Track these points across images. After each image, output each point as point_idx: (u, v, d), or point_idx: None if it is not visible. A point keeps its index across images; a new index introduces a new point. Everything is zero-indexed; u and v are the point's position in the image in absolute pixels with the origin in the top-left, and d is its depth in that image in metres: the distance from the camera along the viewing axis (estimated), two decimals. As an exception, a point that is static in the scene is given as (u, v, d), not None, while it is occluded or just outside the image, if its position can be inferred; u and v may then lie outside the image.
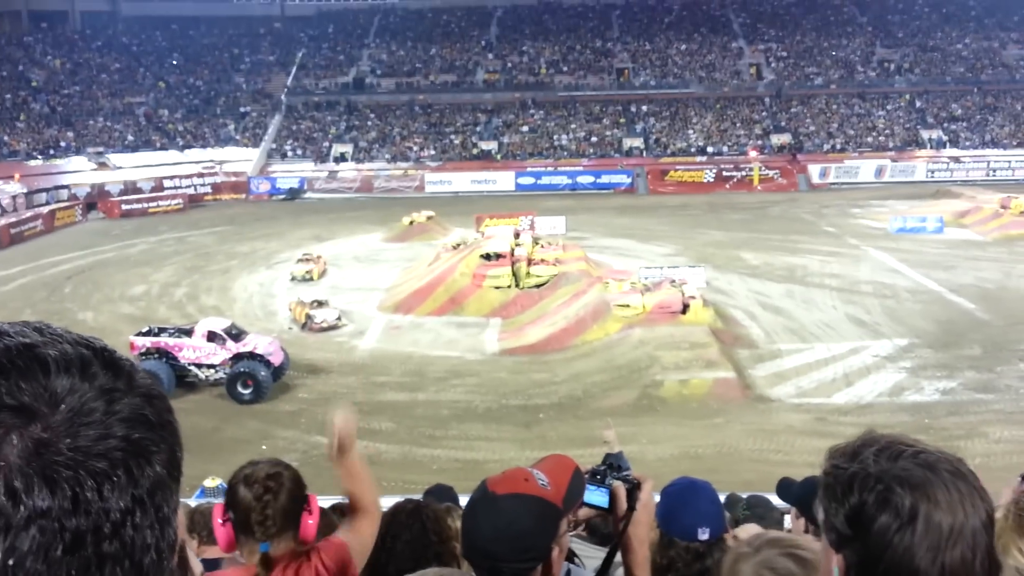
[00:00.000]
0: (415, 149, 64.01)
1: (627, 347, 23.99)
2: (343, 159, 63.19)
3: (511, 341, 25.96)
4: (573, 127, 65.76)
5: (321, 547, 3.00)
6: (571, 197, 55.58)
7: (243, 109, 68.31)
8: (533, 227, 40.68)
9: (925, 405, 20.52)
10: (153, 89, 69.65)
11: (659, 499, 3.33)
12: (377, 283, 33.12)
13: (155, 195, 55.56)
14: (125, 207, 52.97)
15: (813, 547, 2.12)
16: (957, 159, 59.80)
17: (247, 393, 21.81)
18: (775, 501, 5.08)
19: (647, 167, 60.04)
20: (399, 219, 43.70)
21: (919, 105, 66.17)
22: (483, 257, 30.72)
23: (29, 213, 48.22)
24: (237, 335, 23.05)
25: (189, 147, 63.26)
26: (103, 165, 58.54)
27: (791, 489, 4.47)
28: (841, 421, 19.10)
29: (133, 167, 58.44)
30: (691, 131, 64.72)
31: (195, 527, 4.20)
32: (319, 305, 28.25)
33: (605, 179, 59.46)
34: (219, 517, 2.92)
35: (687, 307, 25.58)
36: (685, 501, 3.18)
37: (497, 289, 29.22)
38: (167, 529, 0.89)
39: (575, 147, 63.64)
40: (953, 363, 23.08)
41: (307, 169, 61.52)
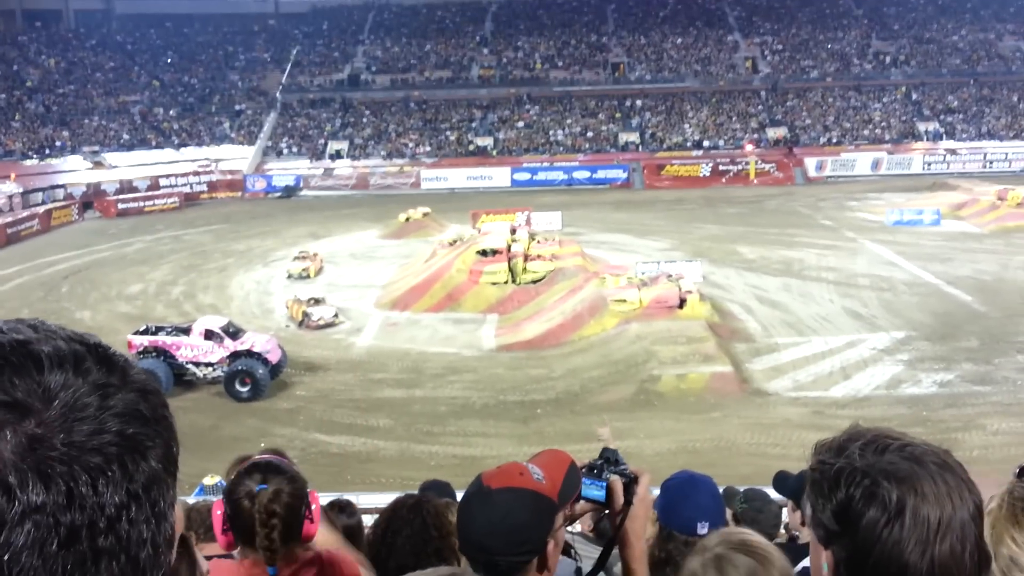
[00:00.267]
0: (410, 146, 63.95)
1: (624, 342, 24.00)
2: (339, 156, 63.13)
3: (508, 337, 25.96)
4: (569, 122, 65.71)
5: (327, 559, 2.99)
6: (567, 192, 55.59)
7: (238, 107, 68.21)
8: (529, 223, 40.64)
9: (922, 398, 20.54)
10: (148, 87, 69.53)
11: (659, 493, 3.33)
12: (374, 280, 33.11)
13: (151, 194, 55.47)
14: (121, 206, 52.89)
15: (766, 543, 2.12)
16: (954, 151, 59.83)
17: (245, 391, 21.80)
18: (773, 494, 5.08)
19: (643, 162, 60.04)
20: (395, 216, 43.69)
21: (915, 97, 66.18)
22: (479, 253, 30.71)
23: (25, 213, 48.11)
24: (235, 333, 23.03)
25: (184, 145, 63.17)
26: (99, 164, 58.40)
27: (787, 482, 4.48)
28: (838, 414, 19.09)
29: (129, 166, 58.35)
30: (687, 125, 64.70)
31: (192, 524, 4.18)
32: (316, 302, 28.23)
33: (601, 174, 59.44)
34: (220, 525, 2.89)
35: (684, 302, 25.57)
36: (685, 495, 3.18)
37: (494, 285, 29.21)
38: (163, 524, 0.89)
39: (571, 142, 63.61)
40: (950, 355, 23.11)
41: (303, 166, 61.47)
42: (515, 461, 2.15)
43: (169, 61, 73.17)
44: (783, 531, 5.37)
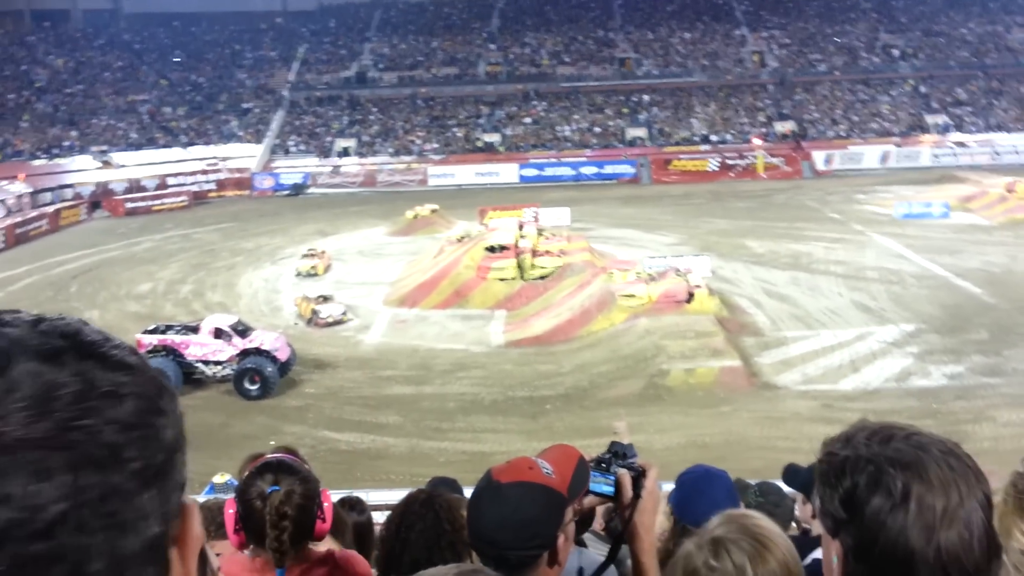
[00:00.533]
0: (418, 143, 63.94)
1: (633, 337, 23.98)
2: (346, 154, 63.13)
3: (516, 333, 25.97)
4: (576, 118, 65.60)
5: (339, 558, 3.00)
6: (575, 188, 55.47)
7: (246, 105, 68.27)
8: (537, 219, 40.61)
9: (932, 390, 20.48)
10: (156, 87, 69.66)
11: (674, 487, 3.34)
12: (382, 277, 33.14)
13: (159, 193, 55.56)
14: (130, 205, 53.00)
15: (769, 528, 2.11)
16: (962, 144, 59.46)
17: (254, 389, 21.86)
18: (784, 488, 5.09)
19: (651, 157, 59.86)
20: (403, 213, 43.66)
21: (923, 90, 65.86)
22: (487, 249, 30.72)
23: (34, 213, 48.28)
24: (243, 331, 23.08)
25: (192, 144, 63.23)
26: (107, 164, 58.54)
27: (798, 475, 4.48)
28: (848, 407, 19.02)
29: (137, 165, 58.45)
30: (694, 120, 64.52)
31: (203, 522, 4.20)
32: (324, 300, 28.29)
33: (609, 169, 59.28)
34: (232, 525, 2.90)
35: (692, 296, 25.53)
36: (700, 490, 3.19)
37: (502, 281, 29.21)
38: (130, 536, 0.82)
39: (578, 138, 63.49)
40: (960, 348, 23.03)
41: (310, 164, 61.48)
42: (525, 456, 2.16)
43: (177, 60, 73.24)
44: (793, 525, 5.37)
